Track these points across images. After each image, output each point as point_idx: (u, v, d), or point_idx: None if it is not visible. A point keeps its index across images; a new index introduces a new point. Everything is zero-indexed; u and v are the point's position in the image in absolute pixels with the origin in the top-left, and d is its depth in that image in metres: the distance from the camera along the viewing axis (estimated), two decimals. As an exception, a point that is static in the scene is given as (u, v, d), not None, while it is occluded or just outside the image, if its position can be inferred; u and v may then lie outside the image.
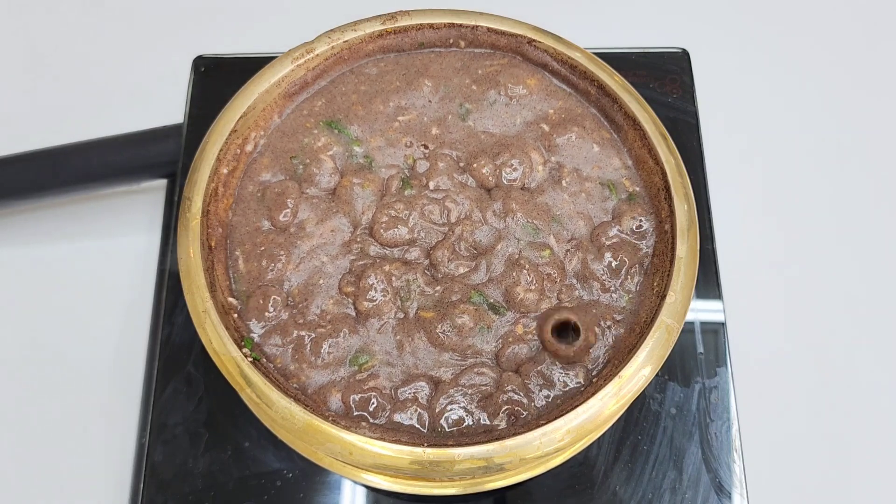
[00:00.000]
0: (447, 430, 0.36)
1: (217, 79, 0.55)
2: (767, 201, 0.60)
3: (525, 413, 0.36)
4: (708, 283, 0.50)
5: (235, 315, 0.37)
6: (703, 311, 0.49)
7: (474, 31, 0.44)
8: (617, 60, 0.47)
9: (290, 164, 0.42)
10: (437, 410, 0.36)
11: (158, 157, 0.54)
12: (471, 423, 0.36)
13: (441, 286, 0.38)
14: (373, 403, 0.36)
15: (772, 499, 0.49)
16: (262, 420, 0.40)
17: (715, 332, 0.49)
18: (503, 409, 0.36)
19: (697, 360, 0.48)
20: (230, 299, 0.38)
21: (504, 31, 0.44)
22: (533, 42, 0.44)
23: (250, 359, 0.35)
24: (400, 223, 0.40)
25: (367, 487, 0.44)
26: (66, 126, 0.59)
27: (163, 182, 0.56)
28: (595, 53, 0.44)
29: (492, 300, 0.38)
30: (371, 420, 0.36)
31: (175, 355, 0.47)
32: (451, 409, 0.36)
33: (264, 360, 0.37)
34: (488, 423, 0.36)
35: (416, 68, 0.44)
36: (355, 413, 0.36)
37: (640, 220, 0.40)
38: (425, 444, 0.34)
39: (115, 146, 0.53)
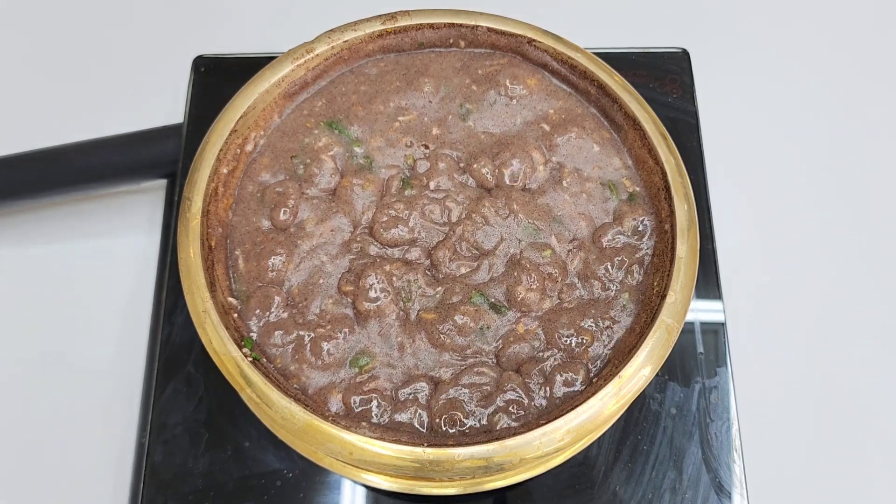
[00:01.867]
0: (447, 430, 0.36)
1: (217, 79, 0.55)
2: (767, 201, 0.60)
3: (525, 413, 0.36)
4: (708, 283, 0.50)
5: (235, 315, 0.37)
6: (703, 311, 0.49)
7: (474, 31, 0.44)
8: (617, 60, 0.47)
9: (290, 164, 0.42)
10: (436, 410, 0.36)
11: (158, 157, 0.54)
12: (471, 423, 0.36)
13: (442, 287, 0.38)
14: (373, 404, 0.36)
15: (772, 499, 0.49)
16: (262, 420, 0.40)
17: (715, 332, 0.49)
18: (503, 408, 0.36)
19: (697, 360, 0.48)
20: (230, 299, 0.38)
21: (504, 31, 0.44)
22: (533, 42, 0.44)
23: (250, 359, 0.35)
24: (400, 223, 0.40)
25: (367, 487, 0.44)
26: (66, 126, 0.59)
27: (163, 182, 0.56)
28: (595, 53, 0.44)
29: (493, 300, 0.38)
30: (371, 420, 0.36)
31: (175, 355, 0.47)
32: (450, 409, 0.36)
33: (264, 360, 0.37)
34: (488, 423, 0.36)
35: (416, 68, 0.44)
36: (356, 413, 0.36)
37: (641, 221, 0.40)
38: (425, 444, 0.34)
39: (115, 146, 0.53)
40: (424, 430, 0.36)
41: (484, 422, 0.36)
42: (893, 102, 0.64)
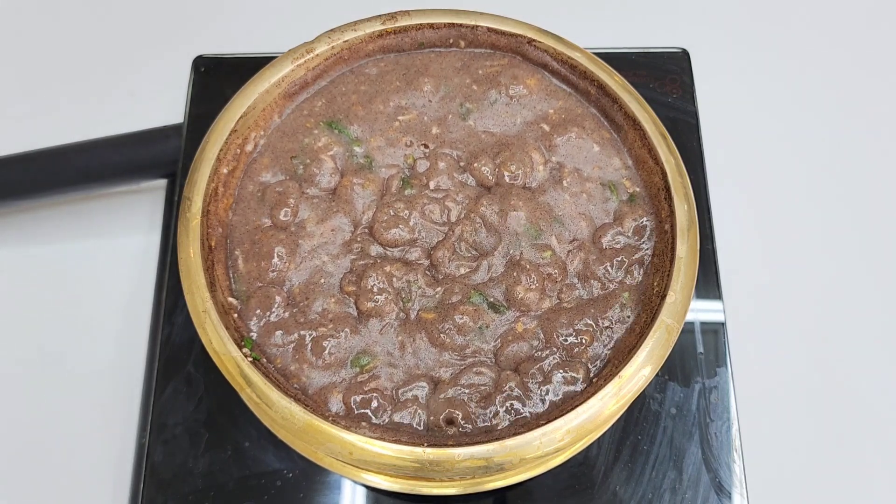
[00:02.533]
0: (447, 430, 0.36)
1: (217, 79, 0.55)
2: (767, 201, 0.60)
3: (525, 413, 0.36)
4: (708, 283, 0.50)
5: (235, 315, 0.37)
6: (703, 311, 0.49)
7: (474, 31, 0.44)
8: (617, 60, 0.47)
9: (290, 164, 0.42)
10: (436, 410, 0.36)
11: (158, 157, 0.54)
12: (471, 423, 0.36)
13: (442, 287, 0.38)
14: (374, 404, 0.36)
15: (772, 499, 0.49)
16: (262, 420, 0.40)
17: (715, 332, 0.49)
18: (503, 408, 0.36)
19: (697, 360, 0.48)
20: (230, 299, 0.38)
21: (504, 31, 0.44)
22: (533, 42, 0.44)
23: (250, 359, 0.35)
24: (400, 222, 0.40)
25: (367, 487, 0.44)
26: (66, 126, 0.59)
27: (163, 182, 0.56)
28: (595, 53, 0.44)
29: (492, 299, 0.38)
30: (371, 420, 0.36)
31: (175, 355, 0.47)
32: (450, 409, 0.36)
33: (264, 360, 0.37)
34: (488, 423, 0.36)
35: (416, 68, 0.44)
36: (356, 413, 0.36)
37: (641, 221, 0.40)
38: (425, 444, 0.34)
39: (115, 146, 0.54)
40: (424, 430, 0.36)
41: (484, 422, 0.36)
42: (893, 102, 0.64)
